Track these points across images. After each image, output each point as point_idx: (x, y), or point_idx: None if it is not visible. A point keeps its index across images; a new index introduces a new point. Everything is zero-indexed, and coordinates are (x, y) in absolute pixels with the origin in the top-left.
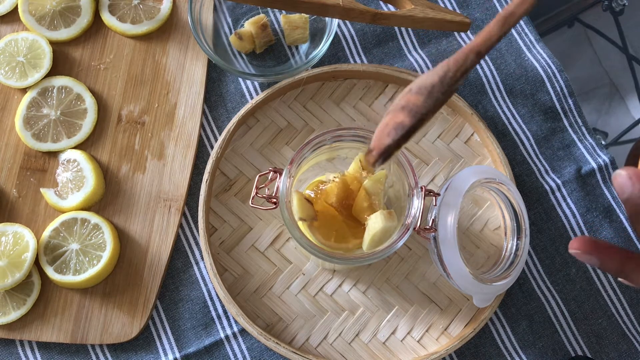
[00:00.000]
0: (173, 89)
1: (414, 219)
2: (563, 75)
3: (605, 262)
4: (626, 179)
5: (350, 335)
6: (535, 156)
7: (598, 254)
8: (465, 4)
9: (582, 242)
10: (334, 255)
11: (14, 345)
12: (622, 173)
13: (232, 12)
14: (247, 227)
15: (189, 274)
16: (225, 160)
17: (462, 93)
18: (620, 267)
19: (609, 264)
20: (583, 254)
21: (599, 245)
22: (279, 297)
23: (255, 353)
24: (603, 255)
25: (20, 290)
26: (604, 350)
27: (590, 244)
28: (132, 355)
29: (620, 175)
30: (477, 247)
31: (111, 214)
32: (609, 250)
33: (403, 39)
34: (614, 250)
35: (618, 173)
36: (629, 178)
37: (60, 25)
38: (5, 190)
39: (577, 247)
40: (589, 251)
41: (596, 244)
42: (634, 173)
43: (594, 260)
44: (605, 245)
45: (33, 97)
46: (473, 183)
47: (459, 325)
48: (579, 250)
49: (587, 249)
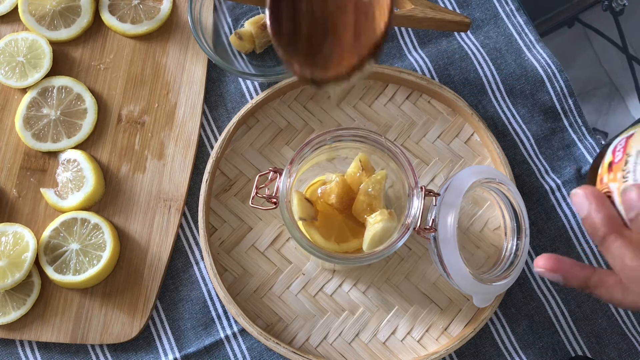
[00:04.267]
0: (173, 89)
1: (414, 219)
2: (563, 75)
3: (569, 279)
4: (583, 198)
5: (350, 335)
6: (535, 156)
7: (562, 272)
8: (465, 4)
9: (546, 261)
10: (334, 255)
11: (14, 345)
12: (579, 192)
13: (232, 12)
14: (247, 227)
15: (189, 274)
16: (225, 160)
17: (462, 93)
18: (584, 284)
19: (572, 281)
20: (547, 272)
21: (562, 264)
22: (279, 297)
23: (255, 353)
24: (567, 273)
25: (20, 290)
26: (604, 350)
27: (554, 262)
28: (132, 355)
29: (577, 194)
30: (477, 247)
31: (111, 214)
32: (572, 268)
33: (403, 39)
34: (577, 267)
35: (575, 192)
36: (585, 197)
37: (60, 25)
38: (5, 190)
39: (542, 265)
40: (553, 269)
41: (560, 263)
42: (590, 192)
43: (558, 278)
44: (568, 263)
45: (33, 97)
46: (473, 183)
47: (459, 325)
48: (543, 269)
49: (551, 267)
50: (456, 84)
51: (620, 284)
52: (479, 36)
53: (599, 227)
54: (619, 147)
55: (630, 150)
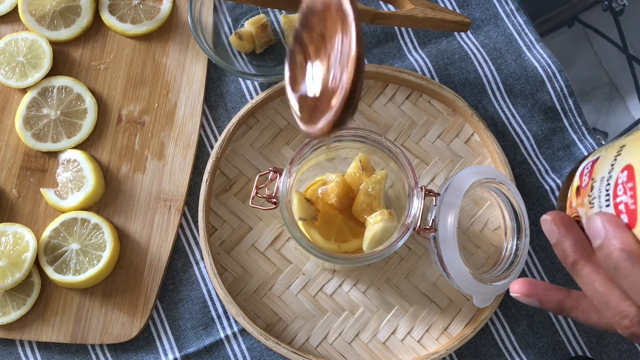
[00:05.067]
0: (173, 89)
1: (414, 219)
2: (563, 75)
3: (544, 303)
4: (551, 224)
5: (350, 335)
6: (535, 156)
7: (537, 297)
8: (465, 4)
9: (520, 286)
10: (334, 255)
11: (14, 345)
12: (548, 219)
13: (232, 12)
14: (247, 227)
15: (189, 274)
16: (225, 160)
17: (462, 93)
18: (559, 307)
19: (547, 305)
20: (522, 297)
21: (537, 288)
22: (279, 297)
23: (255, 353)
24: (542, 298)
25: (20, 290)
26: (604, 350)
27: (529, 287)
28: (132, 355)
29: (545, 221)
30: (477, 247)
31: (111, 214)
32: (547, 292)
33: (403, 39)
34: (551, 291)
35: (544, 219)
36: (554, 224)
37: (60, 25)
38: (5, 190)
39: (517, 290)
40: (527, 294)
41: (535, 287)
42: (559, 218)
43: (534, 302)
44: (543, 287)
45: (33, 97)
46: (473, 183)
47: (459, 325)
48: (518, 294)
49: (525, 292)
50: (456, 84)
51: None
52: (479, 36)
53: (569, 254)
54: (586, 171)
55: (596, 176)
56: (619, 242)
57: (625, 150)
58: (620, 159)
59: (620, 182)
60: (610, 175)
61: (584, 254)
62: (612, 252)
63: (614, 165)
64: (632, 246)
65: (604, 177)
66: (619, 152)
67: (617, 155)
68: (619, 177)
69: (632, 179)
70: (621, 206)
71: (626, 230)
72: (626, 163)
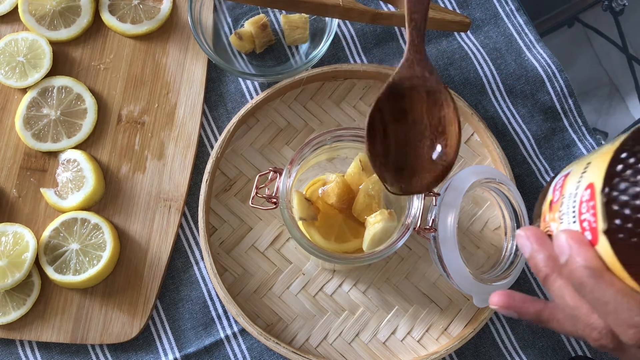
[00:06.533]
0: (173, 89)
1: (414, 219)
2: (563, 75)
3: (522, 314)
4: (524, 239)
5: (350, 335)
6: (535, 156)
7: (514, 309)
8: (465, 4)
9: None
10: (334, 255)
11: (14, 345)
12: (521, 234)
13: (232, 12)
14: (247, 227)
15: (189, 274)
16: (225, 160)
17: (462, 93)
18: (537, 318)
19: (525, 316)
20: (502, 309)
21: (515, 300)
22: (279, 297)
23: (255, 353)
24: (519, 310)
25: (20, 290)
26: None
27: (507, 299)
28: (132, 355)
29: (519, 236)
30: (477, 247)
31: (111, 214)
32: (524, 304)
33: (403, 38)
34: (528, 303)
35: (517, 233)
36: (526, 239)
37: (60, 25)
38: (5, 190)
39: (495, 303)
40: (506, 306)
41: (513, 300)
42: (531, 233)
43: (512, 314)
44: (521, 299)
45: (33, 97)
46: (473, 183)
47: (459, 325)
48: (497, 306)
49: (503, 304)
50: (456, 84)
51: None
52: (479, 36)
53: (541, 268)
54: (558, 186)
55: (565, 192)
56: (582, 259)
57: (590, 167)
58: (585, 175)
59: (584, 200)
60: (576, 192)
61: (555, 269)
62: (576, 269)
63: (580, 182)
64: (595, 263)
65: (571, 193)
66: (585, 169)
67: (584, 172)
68: (582, 195)
69: (593, 198)
70: (585, 224)
71: (589, 248)
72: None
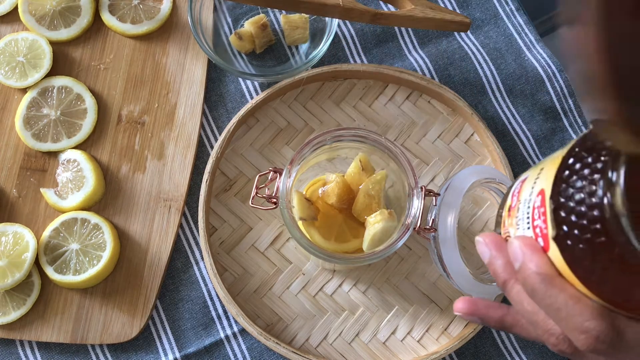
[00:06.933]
0: (173, 89)
1: (414, 219)
2: (563, 75)
3: (486, 321)
4: (483, 246)
5: (350, 335)
6: (535, 156)
7: (478, 315)
8: (465, 4)
9: (462, 305)
10: (334, 255)
11: (14, 345)
12: (480, 240)
13: (232, 12)
14: (247, 227)
15: (189, 274)
16: (225, 160)
17: (462, 93)
18: (500, 324)
19: (489, 321)
20: (465, 315)
21: (478, 307)
22: (279, 297)
23: (255, 353)
24: (482, 316)
25: (20, 290)
26: None
27: (470, 306)
28: (132, 355)
29: (478, 242)
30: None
31: (111, 214)
32: (487, 310)
33: (403, 39)
34: (491, 309)
35: (477, 240)
36: (485, 245)
37: (60, 25)
38: (5, 190)
39: (459, 309)
40: (469, 313)
41: (476, 306)
42: (490, 240)
43: (476, 320)
44: (484, 306)
45: (33, 97)
46: (473, 183)
47: (459, 325)
48: (461, 313)
49: (467, 311)
50: (456, 84)
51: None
52: (479, 36)
53: (499, 274)
54: (515, 192)
55: (521, 197)
56: (534, 265)
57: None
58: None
59: (536, 207)
60: (530, 198)
61: (513, 274)
62: (529, 275)
63: (533, 188)
64: (546, 269)
65: (526, 199)
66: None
67: (537, 178)
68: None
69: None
70: (537, 230)
71: (542, 254)
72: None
